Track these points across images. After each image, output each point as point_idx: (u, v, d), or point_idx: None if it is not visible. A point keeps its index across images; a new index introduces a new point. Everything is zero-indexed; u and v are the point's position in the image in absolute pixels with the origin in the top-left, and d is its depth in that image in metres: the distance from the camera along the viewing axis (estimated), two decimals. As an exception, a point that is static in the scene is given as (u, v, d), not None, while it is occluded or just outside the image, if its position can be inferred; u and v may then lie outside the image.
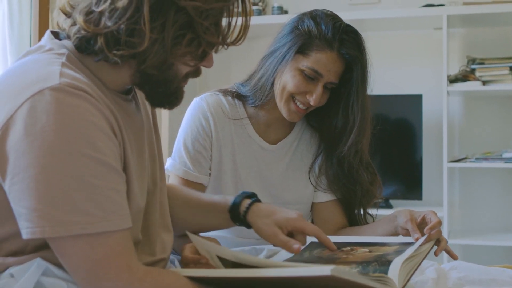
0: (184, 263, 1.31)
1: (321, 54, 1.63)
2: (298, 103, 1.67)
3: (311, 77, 1.64)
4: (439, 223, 1.48)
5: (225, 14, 1.11)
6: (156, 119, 1.37)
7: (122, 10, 1.03)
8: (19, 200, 1.00)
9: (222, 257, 1.18)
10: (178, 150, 1.75)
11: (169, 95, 1.16)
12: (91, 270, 1.01)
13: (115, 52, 1.06)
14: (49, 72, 1.04)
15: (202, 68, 1.18)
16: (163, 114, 3.68)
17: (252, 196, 1.44)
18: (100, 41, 1.06)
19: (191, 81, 1.20)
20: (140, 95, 1.28)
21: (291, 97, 1.68)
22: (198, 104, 1.76)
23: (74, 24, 1.09)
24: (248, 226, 1.41)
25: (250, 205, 1.41)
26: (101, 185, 1.02)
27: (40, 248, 1.09)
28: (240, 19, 1.14)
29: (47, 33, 1.17)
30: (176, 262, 1.38)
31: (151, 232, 1.28)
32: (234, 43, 1.15)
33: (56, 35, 1.17)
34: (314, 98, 1.65)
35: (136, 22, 1.04)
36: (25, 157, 0.99)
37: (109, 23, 1.04)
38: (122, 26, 1.04)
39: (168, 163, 1.76)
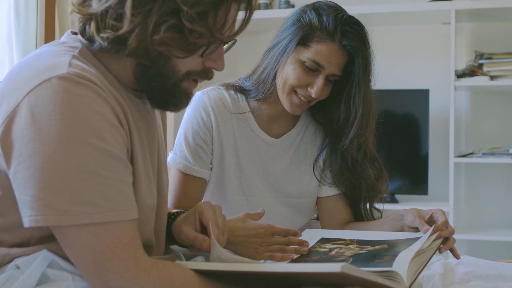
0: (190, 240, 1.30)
1: (322, 46, 1.62)
2: (300, 96, 1.66)
3: (312, 69, 1.63)
4: (446, 222, 1.47)
5: (220, 8, 1.09)
6: (166, 130, 1.37)
7: None
8: (23, 188, 1.00)
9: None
10: (179, 144, 1.74)
11: (165, 92, 1.15)
12: (97, 261, 1.01)
13: (102, 35, 1.07)
14: (58, 62, 1.05)
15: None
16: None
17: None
18: (93, 24, 1.08)
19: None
20: None
21: (293, 90, 1.67)
22: (200, 98, 1.75)
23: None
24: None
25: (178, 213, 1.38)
26: (107, 175, 1.01)
27: (44, 240, 1.09)
28: (240, 15, 1.13)
29: (67, 32, 1.20)
30: (182, 256, 1.37)
31: (161, 237, 1.29)
32: (229, 37, 1.13)
33: (76, 34, 1.18)
34: (315, 90, 1.63)
35: (122, 6, 1.05)
36: (31, 145, 0.99)
37: (97, 6, 1.07)
38: (110, 9, 1.06)
39: (169, 157, 1.75)
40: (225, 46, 1.20)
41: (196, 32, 1.07)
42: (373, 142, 1.75)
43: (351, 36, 1.62)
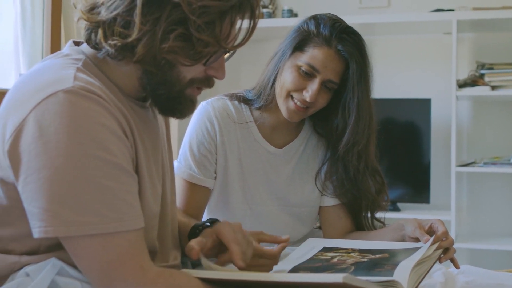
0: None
1: (318, 50, 1.65)
2: (296, 101, 1.68)
3: (308, 73, 1.65)
4: (446, 233, 1.49)
5: (225, 18, 1.11)
6: (170, 135, 1.38)
7: (119, 2, 1.07)
8: (32, 200, 1.02)
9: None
10: (183, 153, 1.76)
11: (171, 100, 1.17)
12: (104, 271, 1.03)
13: (110, 42, 1.09)
14: (63, 75, 1.06)
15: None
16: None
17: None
18: (100, 32, 1.10)
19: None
20: None
21: (289, 94, 1.68)
22: (204, 108, 1.77)
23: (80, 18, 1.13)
24: None
25: (208, 224, 1.36)
26: (113, 187, 1.03)
27: (52, 248, 1.10)
28: (245, 25, 1.15)
29: (69, 42, 1.21)
30: (189, 263, 1.39)
31: (165, 242, 1.30)
32: (234, 47, 1.16)
33: (78, 44, 1.20)
34: (310, 94, 1.65)
35: (130, 14, 1.07)
36: (39, 158, 1.00)
37: (105, 13, 1.08)
38: (118, 17, 1.07)
39: (174, 166, 1.77)
40: (226, 56, 1.22)
41: (203, 41, 1.09)
42: (376, 155, 1.77)
43: (347, 43, 1.65)
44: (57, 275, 1.08)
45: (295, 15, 3.88)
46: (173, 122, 3.75)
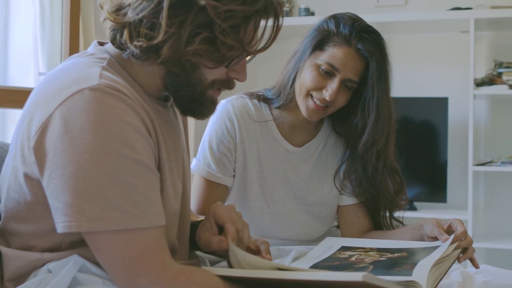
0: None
1: (338, 49, 1.65)
2: (315, 100, 1.68)
3: (328, 72, 1.66)
4: (465, 232, 1.50)
5: (250, 22, 1.12)
6: (188, 136, 1.39)
7: (145, 4, 1.09)
8: (56, 195, 1.04)
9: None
10: (203, 151, 1.77)
11: (193, 100, 1.18)
12: (127, 267, 1.04)
13: (135, 43, 1.10)
14: (89, 73, 1.08)
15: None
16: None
17: None
18: (126, 33, 1.11)
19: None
20: None
21: (309, 93, 1.69)
22: (224, 107, 1.78)
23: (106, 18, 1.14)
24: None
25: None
26: (137, 184, 1.05)
27: (74, 245, 1.12)
28: (268, 30, 1.16)
29: (93, 42, 1.23)
30: (207, 261, 1.40)
31: (184, 240, 1.31)
32: (258, 51, 1.17)
33: (102, 44, 1.22)
34: (330, 93, 1.65)
35: (156, 16, 1.08)
36: (64, 154, 1.02)
37: (131, 15, 1.10)
38: (144, 19, 1.09)
39: (193, 164, 1.77)
40: (247, 58, 1.23)
41: (228, 45, 1.11)
42: (395, 154, 1.77)
43: (367, 42, 1.65)
44: (78, 271, 1.09)
45: (312, 14, 3.88)
46: (190, 121, 3.76)
